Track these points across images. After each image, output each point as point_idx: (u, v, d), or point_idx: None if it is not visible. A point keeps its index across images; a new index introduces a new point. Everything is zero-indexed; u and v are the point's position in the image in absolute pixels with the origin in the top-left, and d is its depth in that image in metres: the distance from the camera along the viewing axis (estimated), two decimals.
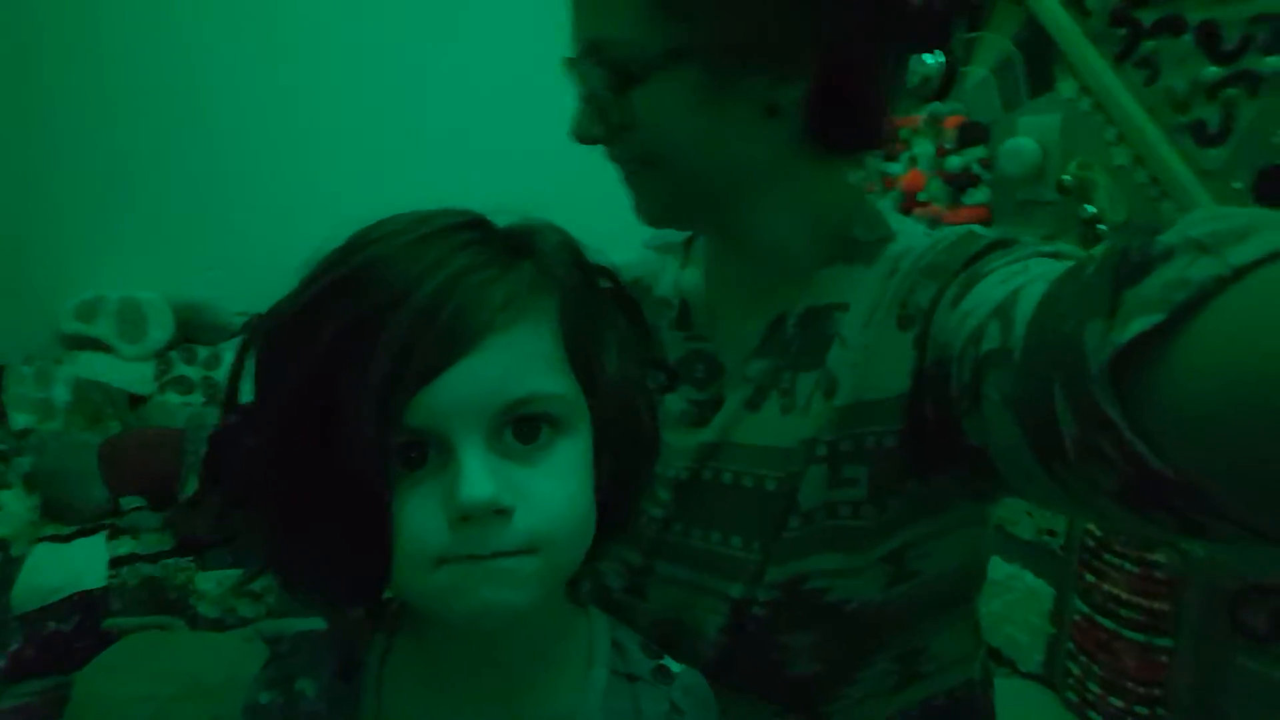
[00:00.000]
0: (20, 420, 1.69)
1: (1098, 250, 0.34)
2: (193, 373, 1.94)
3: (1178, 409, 0.28)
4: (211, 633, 1.37)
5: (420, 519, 0.37)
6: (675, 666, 0.48)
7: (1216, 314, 0.26)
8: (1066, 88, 1.31)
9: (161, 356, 1.92)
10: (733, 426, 0.56)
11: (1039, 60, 1.37)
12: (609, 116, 0.54)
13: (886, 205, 0.62)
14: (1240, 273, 0.26)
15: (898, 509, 0.52)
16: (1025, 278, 0.41)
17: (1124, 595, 1.14)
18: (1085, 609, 1.22)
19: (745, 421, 0.56)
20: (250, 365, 0.42)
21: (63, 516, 1.55)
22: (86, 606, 1.38)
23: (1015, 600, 1.36)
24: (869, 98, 0.57)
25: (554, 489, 0.39)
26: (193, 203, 1.98)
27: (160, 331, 1.92)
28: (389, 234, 0.40)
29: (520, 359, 0.39)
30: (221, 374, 1.93)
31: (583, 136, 0.56)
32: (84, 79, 1.84)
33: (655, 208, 0.58)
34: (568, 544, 0.40)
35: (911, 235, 0.57)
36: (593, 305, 0.44)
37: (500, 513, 0.37)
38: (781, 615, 0.53)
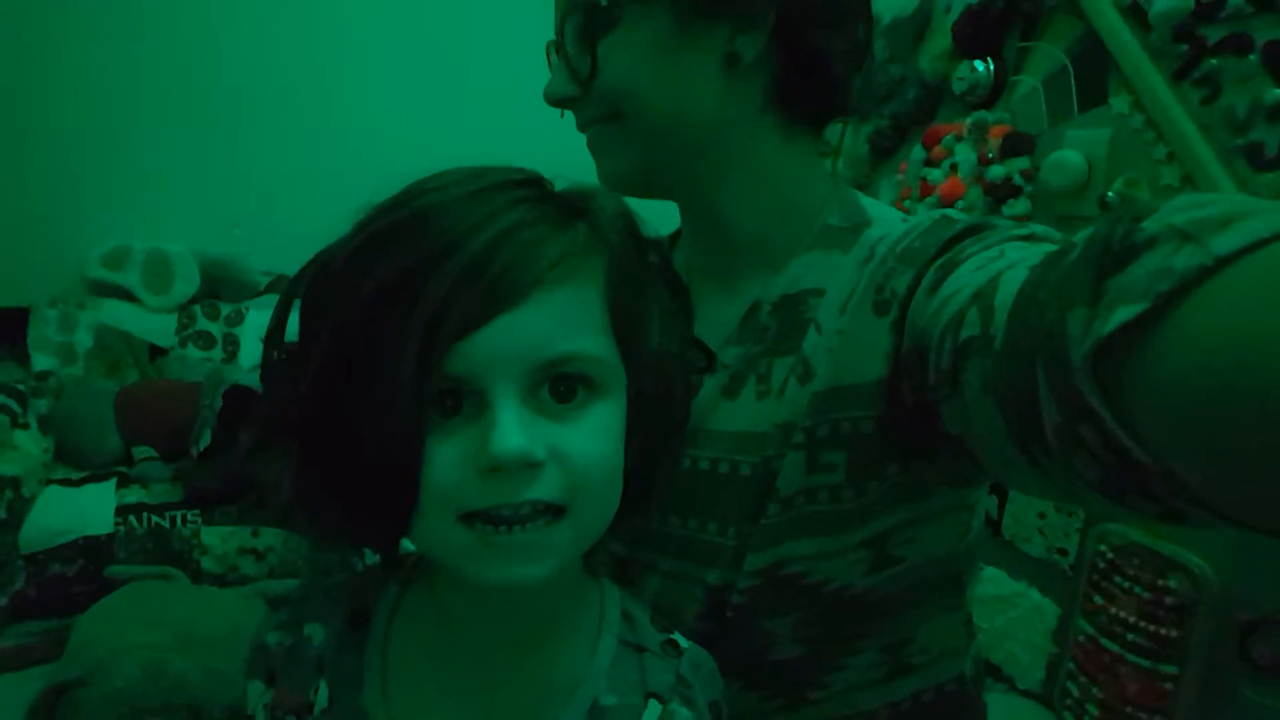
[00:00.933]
0: (41, 362, 1.71)
1: (1079, 236, 0.34)
2: (215, 328, 1.94)
3: (1160, 398, 0.27)
4: (212, 588, 1.37)
5: (450, 466, 0.38)
6: (684, 642, 0.48)
7: (1199, 303, 0.26)
8: (1119, 103, 1.28)
9: (185, 310, 1.93)
10: (709, 413, 0.56)
11: (1092, 73, 1.33)
12: (579, 71, 0.55)
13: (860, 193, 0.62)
14: (1223, 262, 0.26)
15: (878, 494, 0.52)
16: (1003, 263, 0.41)
17: (1132, 619, 1.11)
18: (1090, 630, 1.19)
19: (722, 408, 0.56)
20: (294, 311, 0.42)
21: (75, 461, 1.56)
22: (91, 551, 1.39)
23: (1019, 617, 1.34)
24: (827, 59, 0.58)
25: (586, 447, 0.39)
26: (224, 161, 1.99)
27: (185, 285, 1.93)
28: (444, 185, 0.40)
29: (564, 318, 0.39)
30: (243, 331, 1.94)
31: (555, 97, 0.58)
32: (122, 33, 1.84)
33: (620, 166, 0.59)
34: (596, 505, 0.40)
35: (888, 222, 0.57)
36: (641, 276, 0.44)
37: (531, 466, 0.37)
38: (761, 600, 0.53)
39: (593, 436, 0.40)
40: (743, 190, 0.58)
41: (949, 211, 0.54)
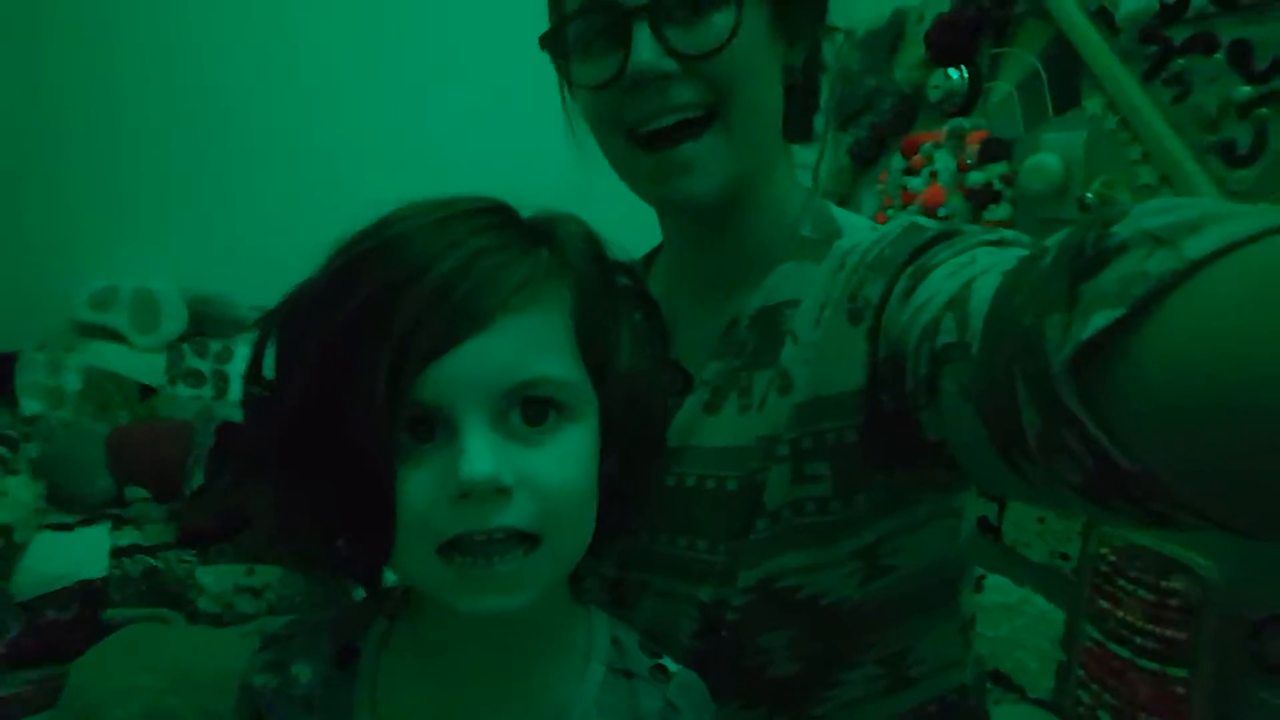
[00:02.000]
0: (30, 407, 1.69)
1: (1051, 241, 0.34)
2: (204, 366, 1.93)
3: (1138, 402, 0.28)
4: (207, 628, 1.36)
5: (423, 494, 0.38)
6: (673, 666, 0.48)
7: (1174, 308, 0.26)
8: (1092, 104, 1.29)
9: (173, 348, 1.92)
10: (692, 430, 0.56)
11: (1065, 77, 1.35)
12: (682, 43, 0.51)
13: (829, 202, 0.63)
14: (1197, 265, 0.26)
15: (865, 504, 0.52)
16: (975, 269, 0.41)
17: (1138, 622, 1.11)
18: (1098, 635, 1.19)
19: (704, 424, 0.56)
20: (271, 344, 0.43)
21: (68, 504, 1.55)
22: (86, 596, 1.38)
23: (1025, 625, 1.33)
24: (820, 78, 0.60)
25: (555, 472, 0.39)
26: (209, 197, 1.99)
27: (173, 323, 1.92)
28: (411, 215, 0.41)
29: (530, 342, 0.39)
30: (233, 368, 1.93)
31: (650, 71, 0.51)
32: (103, 73, 1.85)
33: (719, 170, 0.54)
34: (568, 530, 0.41)
35: (858, 231, 0.57)
36: (608, 298, 0.44)
37: (500, 491, 0.37)
38: (756, 616, 0.52)
39: (563, 462, 0.40)
40: (752, 209, 0.58)
41: (917, 219, 0.54)
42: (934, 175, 1.60)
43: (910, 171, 1.66)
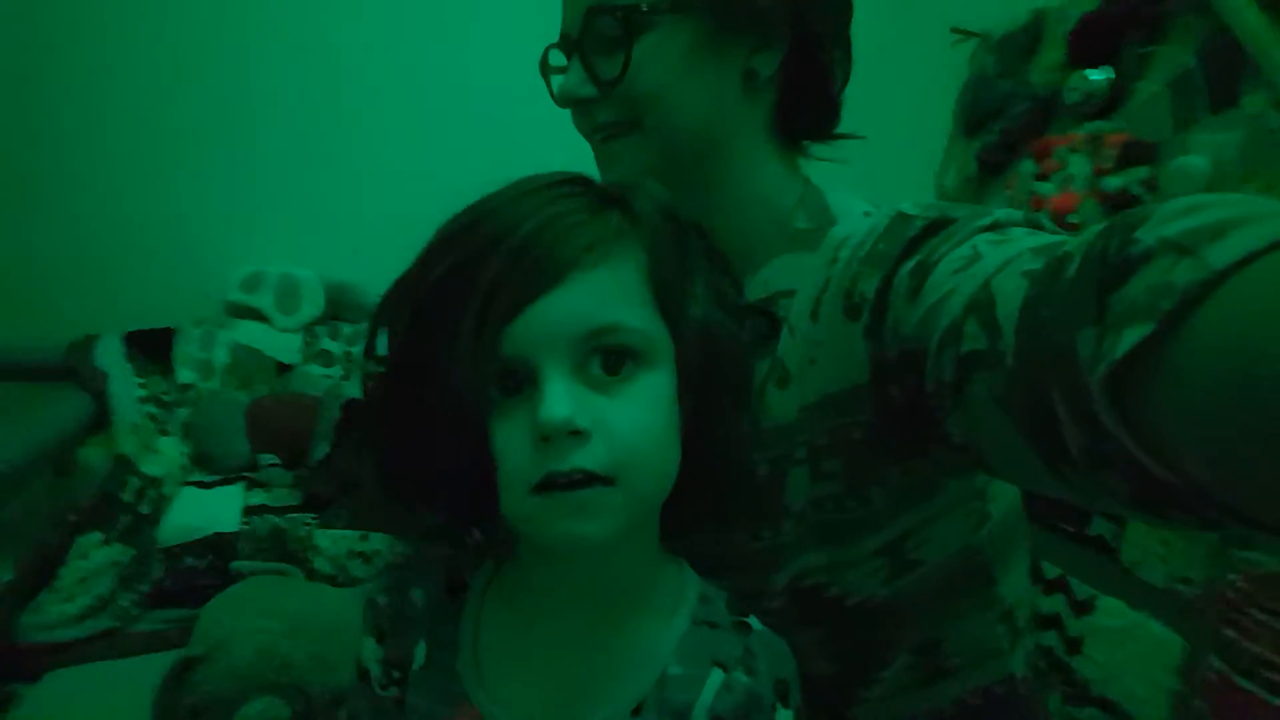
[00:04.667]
0: (184, 376, 1.86)
1: (1072, 244, 0.34)
2: (335, 347, 2.07)
3: (1176, 414, 0.27)
4: (323, 585, 1.45)
5: (513, 442, 0.41)
6: (757, 625, 0.49)
7: (1204, 320, 0.26)
8: (1253, 103, 1.19)
9: (310, 330, 2.06)
10: None
11: (1223, 74, 1.25)
12: (602, 71, 0.57)
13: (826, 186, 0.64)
14: (1223, 275, 0.26)
15: (882, 499, 0.52)
16: (987, 265, 0.41)
17: (1271, 655, 1.00)
18: (1222, 667, 1.08)
19: None
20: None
21: (208, 465, 1.69)
22: (219, 548, 1.50)
23: (1139, 651, 1.23)
24: (830, 80, 0.61)
25: (631, 417, 0.42)
26: (349, 192, 2.13)
27: (311, 307, 2.06)
28: (497, 194, 0.45)
29: (603, 294, 0.42)
30: (361, 351, 2.05)
31: (570, 97, 0.60)
32: (255, 77, 2.01)
33: (629, 176, 0.58)
34: (644, 471, 0.43)
35: (851, 218, 0.58)
36: (680, 252, 0.46)
37: (576, 434, 0.40)
38: (788, 615, 0.54)
39: (638, 407, 0.42)
40: (733, 201, 0.60)
41: (904, 207, 0.53)
42: (1068, 180, 1.51)
43: (1042, 176, 1.58)
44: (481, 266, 0.41)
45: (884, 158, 2.17)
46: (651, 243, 0.45)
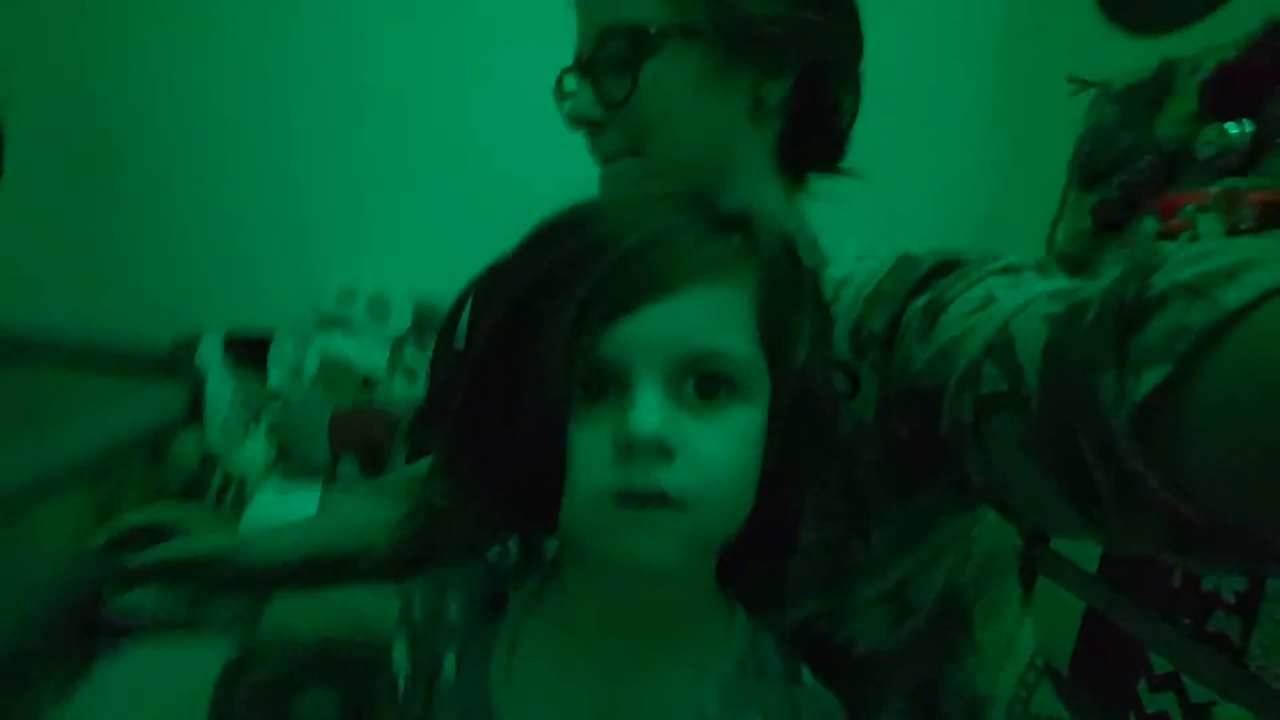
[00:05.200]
0: (276, 379, 1.92)
1: (1091, 289, 0.35)
2: (420, 364, 2.10)
3: (1200, 453, 0.28)
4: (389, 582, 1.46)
5: (592, 448, 0.39)
6: (808, 678, 0.46)
7: (1220, 359, 0.27)
8: None
9: (396, 345, 2.10)
10: None
11: None
12: (610, 93, 0.57)
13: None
14: (1236, 315, 0.27)
15: (883, 543, 0.52)
16: (1003, 308, 0.41)
17: None
18: None
19: None
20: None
21: (291, 465, 1.73)
22: None
23: None
24: (838, 113, 0.61)
25: (719, 446, 0.40)
26: (442, 211, 2.19)
27: (400, 322, 2.11)
28: (613, 197, 0.45)
29: (712, 315, 0.40)
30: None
31: (580, 117, 0.61)
32: (356, 99, 2.10)
33: (629, 183, 0.60)
34: (718, 505, 0.40)
35: (843, 260, 0.57)
36: (793, 291, 0.44)
37: (663, 451, 0.38)
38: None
39: (728, 437, 0.40)
40: None
41: (909, 250, 0.52)
42: (1196, 240, 1.42)
43: (1166, 234, 1.48)
44: (587, 266, 0.39)
45: (998, 208, 2.12)
46: (768, 274, 0.43)
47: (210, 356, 1.86)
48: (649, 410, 0.38)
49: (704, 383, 0.40)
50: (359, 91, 2.08)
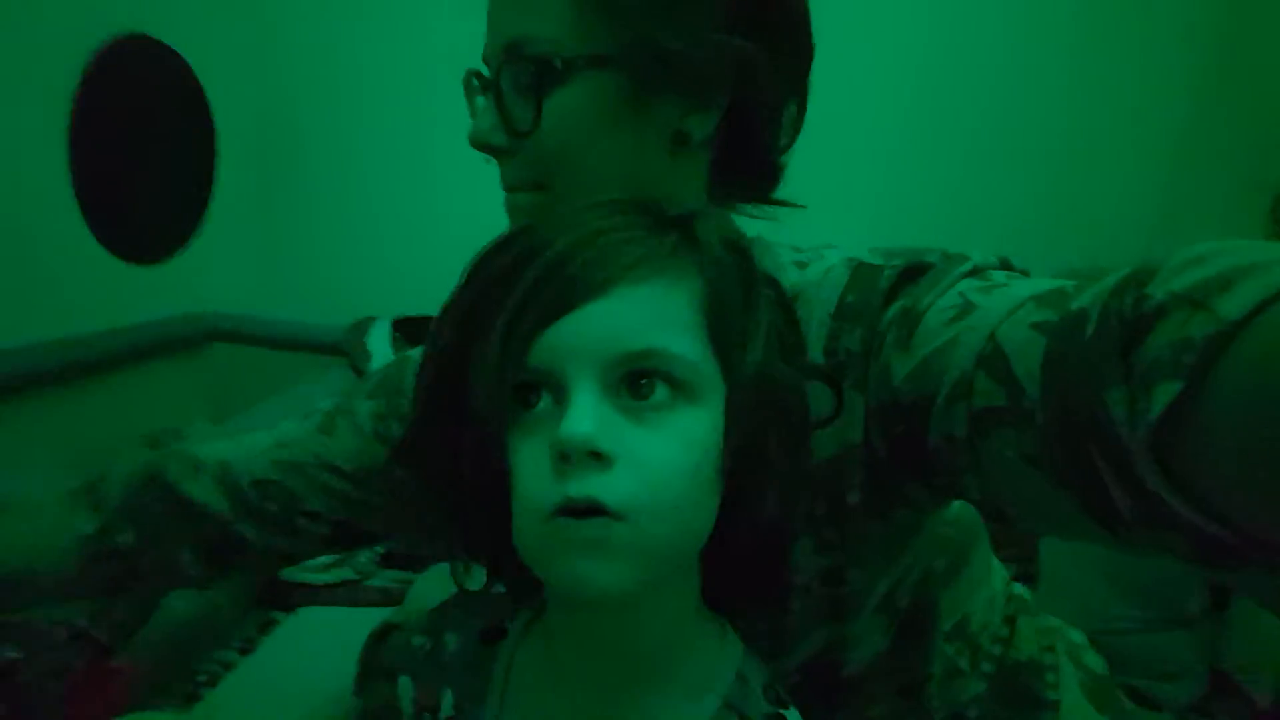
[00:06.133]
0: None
1: (1085, 298, 0.34)
2: None
3: (1214, 465, 0.28)
4: None
5: (531, 461, 0.38)
6: (795, 718, 0.45)
7: (1226, 371, 0.27)
8: None
9: None
10: None
11: None
12: (515, 121, 0.53)
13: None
14: (1237, 326, 0.27)
15: (876, 562, 0.51)
16: (988, 317, 0.40)
17: None
18: None
19: None
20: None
21: None
22: None
23: None
24: (771, 143, 0.56)
25: (663, 452, 0.38)
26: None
27: None
28: (554, 208, 0.44)
29: (645, 314, 0.39)
30: None
31: (480, 143, 0.56)
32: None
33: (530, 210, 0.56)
34: (664, 514, 0.38)
35: (784, 270, 0.52)
36: (745, 290, 0.42)
37: (597, 456, 0.36)
38: (802, 694, 0.51)
39: (672, 442, 0.38)
40: None
41: (858, 254, 0.50)
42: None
43: None
44: (522, 273, 0.39)
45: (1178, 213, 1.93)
46: (712, 272, 0.41)
47: (379, 340, 2.03)
48: (581, 415, 0.36)
49: (642, 383, 0.38)
50: None
